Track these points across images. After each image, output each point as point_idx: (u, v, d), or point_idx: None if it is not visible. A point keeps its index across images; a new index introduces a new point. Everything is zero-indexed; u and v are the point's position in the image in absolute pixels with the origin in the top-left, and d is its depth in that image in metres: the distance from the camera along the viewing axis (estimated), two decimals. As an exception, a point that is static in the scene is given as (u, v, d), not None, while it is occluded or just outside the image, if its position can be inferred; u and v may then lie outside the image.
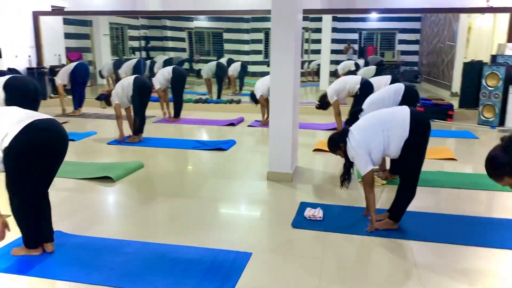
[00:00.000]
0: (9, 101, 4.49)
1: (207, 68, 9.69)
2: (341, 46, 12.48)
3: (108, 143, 5.70)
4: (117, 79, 10.30)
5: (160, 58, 11.43)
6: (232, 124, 7.03)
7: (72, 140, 5.82)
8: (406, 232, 3.06)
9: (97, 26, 11.09)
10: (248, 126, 6.98)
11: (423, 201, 3.61)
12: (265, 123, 6.85)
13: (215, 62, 9.86)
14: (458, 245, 2.88)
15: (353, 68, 10.56)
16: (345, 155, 3.11)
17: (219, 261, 2.67)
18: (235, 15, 10.99)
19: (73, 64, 7.85)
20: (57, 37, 9.71)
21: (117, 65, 10.17)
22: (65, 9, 9.93)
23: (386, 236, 2.99)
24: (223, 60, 10.87)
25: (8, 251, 2.71)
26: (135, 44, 12.00)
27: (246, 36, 12.53)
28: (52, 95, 9.00)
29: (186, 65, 11.86)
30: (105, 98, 5.76)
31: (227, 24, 12.35)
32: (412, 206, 3.11)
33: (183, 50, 12.58)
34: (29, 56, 8.95)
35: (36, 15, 8.98)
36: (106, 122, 7.29)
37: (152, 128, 6.75)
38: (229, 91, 10.55)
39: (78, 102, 7.94)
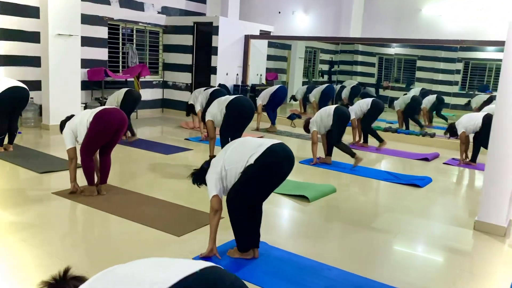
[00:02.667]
0: (227, 117, 5.10)
1: (401, 101, 9.33)
2: None
3: (300, 162, 5.95)
4: (305, 102, 10.81)
5: (348, 83, 11.52)
6: (426, 159, 6.59)
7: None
8: None
9: (295, 50, 11.80)
10: (444, 163, 6.44)
11: None
12: (465, 162, 6.34)
13: (411, 95, 9.47)
14: None
15: None
16: None
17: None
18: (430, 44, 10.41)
19: (276, 86, 8.49)
20: (261, 59, 10.68)
21: (310, 89, 10.63)
22: (271, 33, 10.88)
23: None
24: (415, 90, 10.38)
25: (224, 250, 3.03)
26: (324, 67, 12.40)
27: (441, 65, 11.72)
28: (250, 110, 9.91)
29: (371, 90, 11.71)
30: (304, 126, 6.03)
31: (422, 51, 11.76)
32: None
33: (371, 75, 12.42)
34: (237, 75, 10.06)
35: (247, 38, 10.07)
36: (297, 141, 7.66)
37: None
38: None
39: (272, 119, 8.55)
